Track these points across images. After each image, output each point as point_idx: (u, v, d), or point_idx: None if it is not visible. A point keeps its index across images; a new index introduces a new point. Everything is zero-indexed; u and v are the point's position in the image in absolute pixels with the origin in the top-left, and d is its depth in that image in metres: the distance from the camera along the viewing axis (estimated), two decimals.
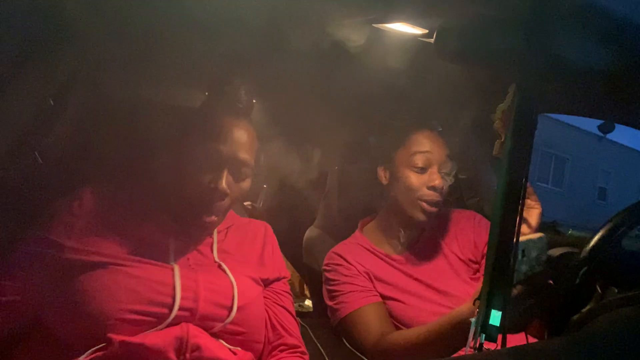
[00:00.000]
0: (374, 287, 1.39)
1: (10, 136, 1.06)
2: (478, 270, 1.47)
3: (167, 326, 0.94)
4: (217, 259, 1.07)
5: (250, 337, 1.04)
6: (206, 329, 0.98)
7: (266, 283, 1.15)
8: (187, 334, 0.94)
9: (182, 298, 0.96)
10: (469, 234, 1.51)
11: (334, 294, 1.39)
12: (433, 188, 1.36)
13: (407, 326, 1.34)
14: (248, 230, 1.19)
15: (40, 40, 1.01)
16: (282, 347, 1.11)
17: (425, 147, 1.38)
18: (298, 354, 1.12)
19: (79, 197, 1.01)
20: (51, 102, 1.14)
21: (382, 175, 1.46)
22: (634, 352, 0.54)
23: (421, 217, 1.38)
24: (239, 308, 1.00)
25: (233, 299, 1.01)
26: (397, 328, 1.35)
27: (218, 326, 0.99)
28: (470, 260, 1.48)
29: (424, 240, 1.49)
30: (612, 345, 0.57)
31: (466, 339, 1.10)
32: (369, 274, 1.40)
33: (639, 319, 0.63)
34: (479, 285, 1.16)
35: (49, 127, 1.18)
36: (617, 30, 0.89)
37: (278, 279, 1.18)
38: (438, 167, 1.38)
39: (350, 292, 1.36)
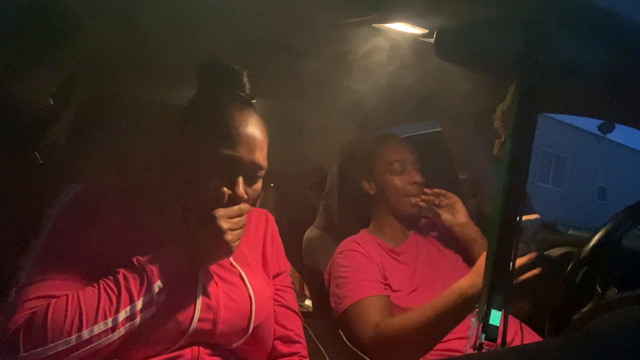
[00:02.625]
0: (385, 279, 1.42)
1: (10, 136, 1.06)
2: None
3: (179, 348, 0.91)
4: (234, 263, 1.03)
5: (259, 347, 1.04)
6: (218, 346, 0.96)
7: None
8: (198, 357, 0.92)
9: (200, 320, 0.92)
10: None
11: (344, 280, 1.40)
12: (415, 183, 1.53)
13: None
14: (250, 220, 1.13)
15: (40, 39, 1.01)
16: (280, 356, 1.09)
17: (399, 155, 1.56)
18: (297, 358, 1.10)
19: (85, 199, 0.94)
20: (51, 102, 1.14)
21: (368, 187, 1.60)
22: (634, 352, 0.54)
23: (412, 209, 1.55)
24: (254, 328, 0.99)
25: (250, 319, 0.98)
26: None
27: (231, 346, 0.98)
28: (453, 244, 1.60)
29: (415, 233, 1.60)
30: (612, 345, 0.57)
31: (467, 312, 1.12)
32: (382, 265, 1.44)
33: (639, 319, 0.63)
34: (480, 259, 1.19)
35: (49, 127, 1.18)
36: (617, 30, 0.89)
37: (279, 274, 1.15)
38: (412, 165, 1.56)
39: (362, 280, 1.38)
